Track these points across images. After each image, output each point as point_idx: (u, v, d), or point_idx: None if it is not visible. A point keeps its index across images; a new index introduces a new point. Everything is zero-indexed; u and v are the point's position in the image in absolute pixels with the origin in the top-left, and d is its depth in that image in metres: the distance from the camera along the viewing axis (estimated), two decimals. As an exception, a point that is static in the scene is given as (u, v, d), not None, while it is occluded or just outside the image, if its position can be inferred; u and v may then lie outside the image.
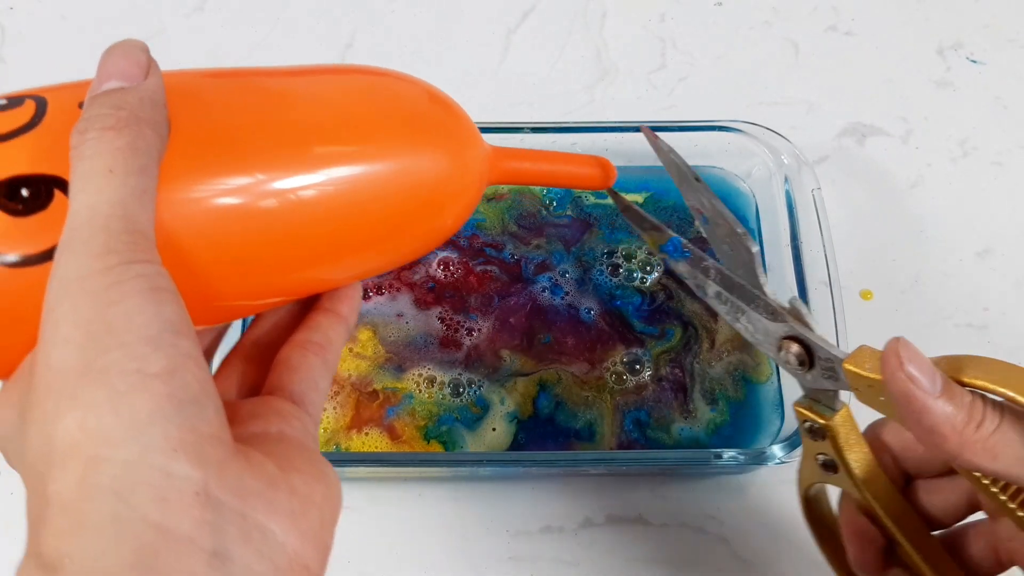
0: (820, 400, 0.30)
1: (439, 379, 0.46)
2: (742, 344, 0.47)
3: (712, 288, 0.33)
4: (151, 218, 0.22)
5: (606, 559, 0.44)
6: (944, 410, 0.25)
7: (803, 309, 0.31)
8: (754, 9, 0.62)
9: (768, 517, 0.45)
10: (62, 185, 0.22)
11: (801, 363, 0.30)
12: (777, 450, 0.41)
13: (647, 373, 0.46)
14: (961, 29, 0.61)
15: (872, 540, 0.31)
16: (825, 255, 0.45)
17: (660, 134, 0.50)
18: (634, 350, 0.47)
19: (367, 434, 0.45)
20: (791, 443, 0.41)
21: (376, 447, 0.45)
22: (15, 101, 0.24)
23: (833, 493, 0.34)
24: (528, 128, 0.50)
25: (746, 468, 0.43)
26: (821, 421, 0.30)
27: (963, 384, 0.26)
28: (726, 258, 0.33)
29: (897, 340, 0.26)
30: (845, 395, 0.30)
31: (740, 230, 0.31)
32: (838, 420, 0.30)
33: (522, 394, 0.46)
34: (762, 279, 0.31)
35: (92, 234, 0.21)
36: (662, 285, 0.49)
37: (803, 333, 0.30)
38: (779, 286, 0.48)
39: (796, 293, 0.46)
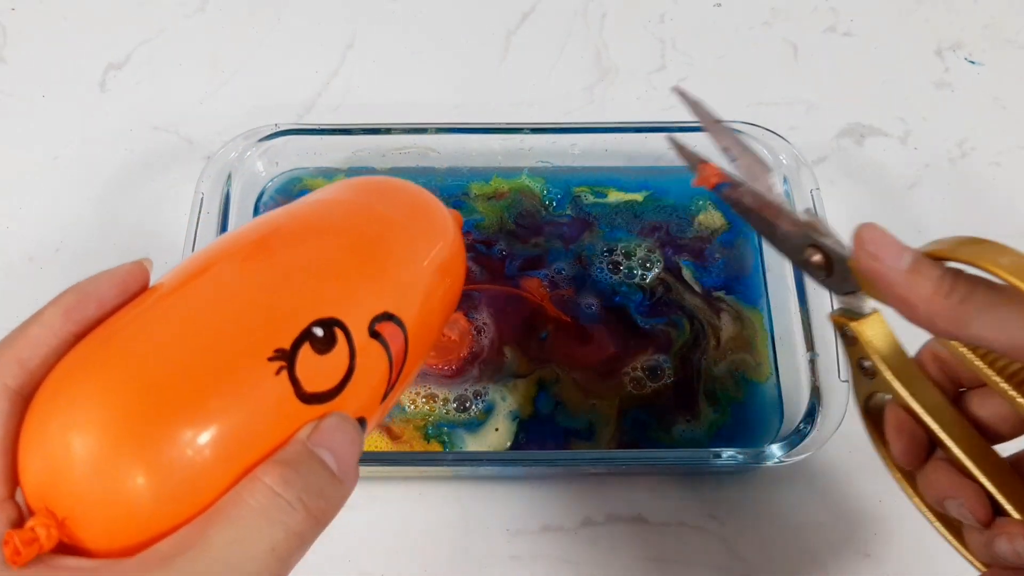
0: (851, 308, 0.33)
1: (442, 396, 0.46)
2: (744, 343, 0.47)
3: (749, 210, 0.36)
4: None
5: (606, 559, 0.44)
6: (910, 281, 0.28)
7: (817, 218, 0.33)
8: (754, 10, 0.62)
9: (768, 517, 0.45)
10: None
11: (822, 268, 0.33)
12: (776, 450, 0.41)
13: (668, 379, 0.46)
14: (960, 30, 0.61)
15: (911, 434, 0.33)
16: (824, 255, 0.45)
17: (660, 134, 0.51)
18: (656, 356, 0.47)
19: (367, 435, 0.45)
20: (790, 443, 0.41)
21: (376, 447, 0.45)
22: (328, 336, 0.26)
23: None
24: (528, 128, 0.50)
25: (746, 468, 0.43)
26: (851, 324, 0.32)
27: (952, 261, 0.28)
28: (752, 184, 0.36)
29: (863, 226, 0.29)
30: (876, 303, 0.32)
31: (760, 159, 0.35)
32: (866, 323, 0.32)
33: (523, 394, 0.46)
34: (781, 196, 0.34)
35: None
36: (660, 279, 0.49)
37: (818, 239, 0.33)
38: (778, 286, 0.48)
39: (796, 293, 0.46)
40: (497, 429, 0.45)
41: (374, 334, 0.27)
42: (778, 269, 0.48)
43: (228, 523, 0.21)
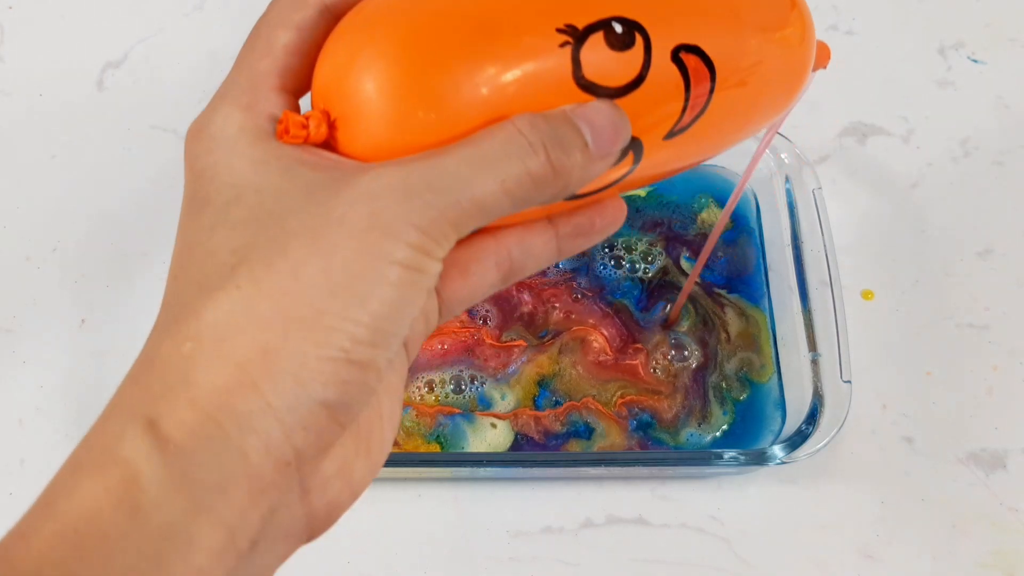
0: None
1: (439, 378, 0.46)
2: (750, 342, 0.47)
3: None
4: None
5: (606, 559, 0.44)
6: None
7: None
8: (755, 8, 0.62)
9: (768, 517, 0.45)
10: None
11: None
12: (778, 450, 0.41)
13: (694, 360, 0.46)
14: (962, 28, 0.60)
15: None
16: (826, 255, 0.45)
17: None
18: (677, 337, 0.47)
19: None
20: (791, 443, 0.41)
21: (376, 447, 0.44)
22: (627, 35, 0.24)
23: None
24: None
25: (747, 468, 0.43)
26: None
27: None
28: None
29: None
30: None
31: None
32: None
33: (524, 392, 0.45)
34: None
35: (445, 208, 0.21)
36: (662, 269, 0.49)
37: None
38: (780, 286, 0.48)
39: (797, 293, 0.46)
40: (494, 425, 0.45)
41: (676, 60, 0.25)
42: (780, 268, 0.48)
43: (469, 144, 0.22)
